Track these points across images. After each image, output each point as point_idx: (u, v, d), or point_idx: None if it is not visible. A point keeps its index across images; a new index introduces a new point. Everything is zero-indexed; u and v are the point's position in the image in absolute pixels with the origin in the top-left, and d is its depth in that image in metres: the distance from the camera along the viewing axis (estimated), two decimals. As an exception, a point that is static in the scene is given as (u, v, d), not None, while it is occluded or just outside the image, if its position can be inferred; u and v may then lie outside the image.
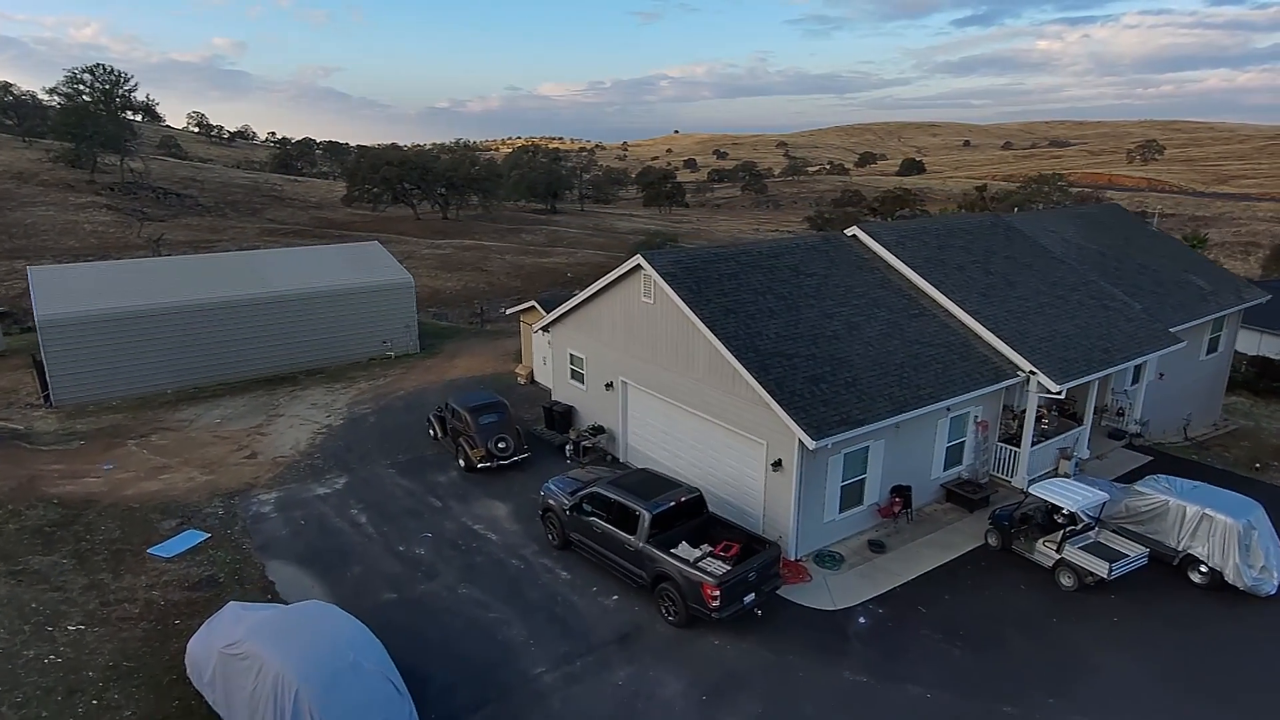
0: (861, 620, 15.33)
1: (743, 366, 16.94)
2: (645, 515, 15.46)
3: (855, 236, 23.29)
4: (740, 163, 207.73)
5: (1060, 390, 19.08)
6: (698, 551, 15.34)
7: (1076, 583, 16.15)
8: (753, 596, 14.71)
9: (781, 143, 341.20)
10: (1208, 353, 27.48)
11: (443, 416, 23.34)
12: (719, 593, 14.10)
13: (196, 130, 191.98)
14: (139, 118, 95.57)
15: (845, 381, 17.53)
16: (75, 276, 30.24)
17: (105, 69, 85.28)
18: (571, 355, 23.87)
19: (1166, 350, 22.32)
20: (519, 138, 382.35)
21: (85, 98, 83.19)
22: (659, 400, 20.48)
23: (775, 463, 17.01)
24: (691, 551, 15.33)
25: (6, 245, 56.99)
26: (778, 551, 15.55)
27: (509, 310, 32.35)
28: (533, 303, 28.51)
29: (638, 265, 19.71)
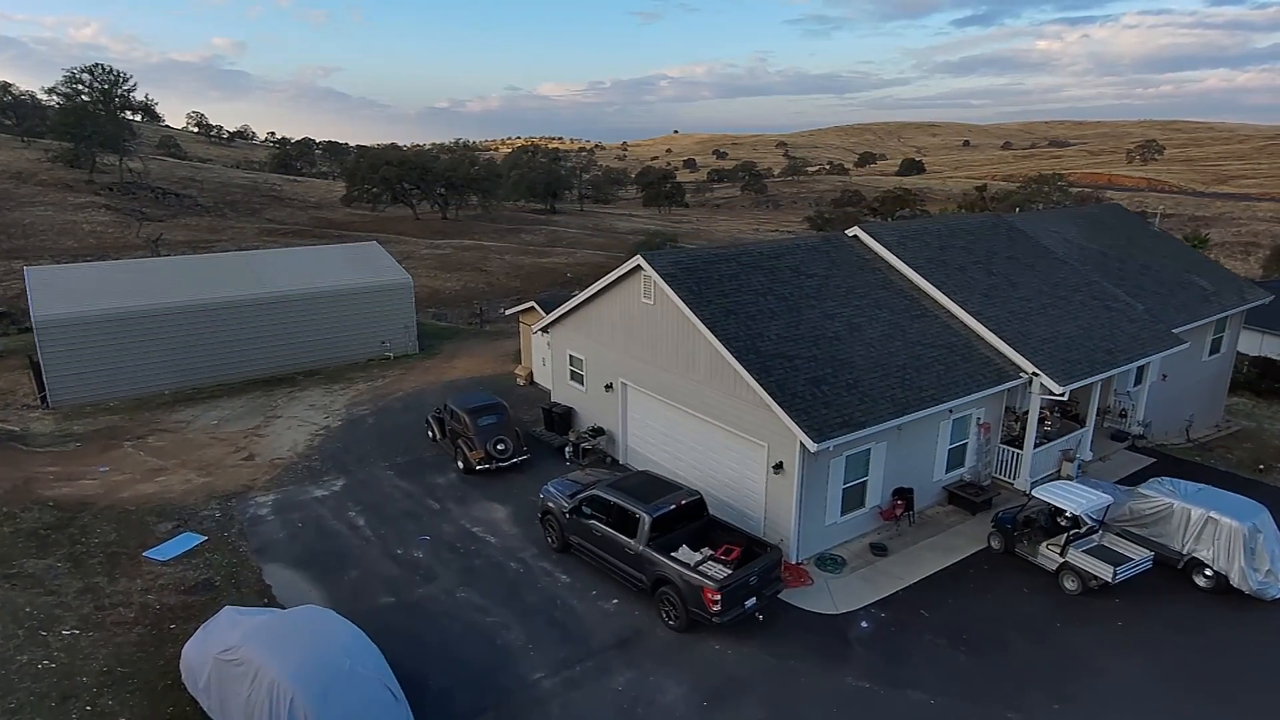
0: (864, 624, 15.20)
1: (744, 368, 16.80)
2: (645, 518, 15.32)
3: (856, 237, 23.17)
4: (740, 163, 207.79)
5: (1063, 392, 18.95)
6: (698, 555, 15.20)
7: (1080, 586, 16.02)
8: (754, 600, 14.56)
9: (781, 143, 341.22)
10: (1210, 354, 27.36)
11: (441, 418, 23.21)
12: (720, 597, 13.96)
13: (196, 130, 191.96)
14: (138, 118, 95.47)
15: (847, 383, 17.39)
16: (73, 277, 30.10)
17: (104, 69, 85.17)
18: (571, 356, 23.74)
19: (1170, 351, 22.18)
20: (518, 138, 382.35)
21: (84, 98, 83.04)
22: (659, 402, 20.34)
23: (776, 465, 16.87)
24: (692, 555, 15.19)
25: (5, 245, 56.85)
26: (779, 555, 15.41)
27: (508, 311, 32.22)
28: (532, 303, 28.36)
29: (638, 266, 19.58)
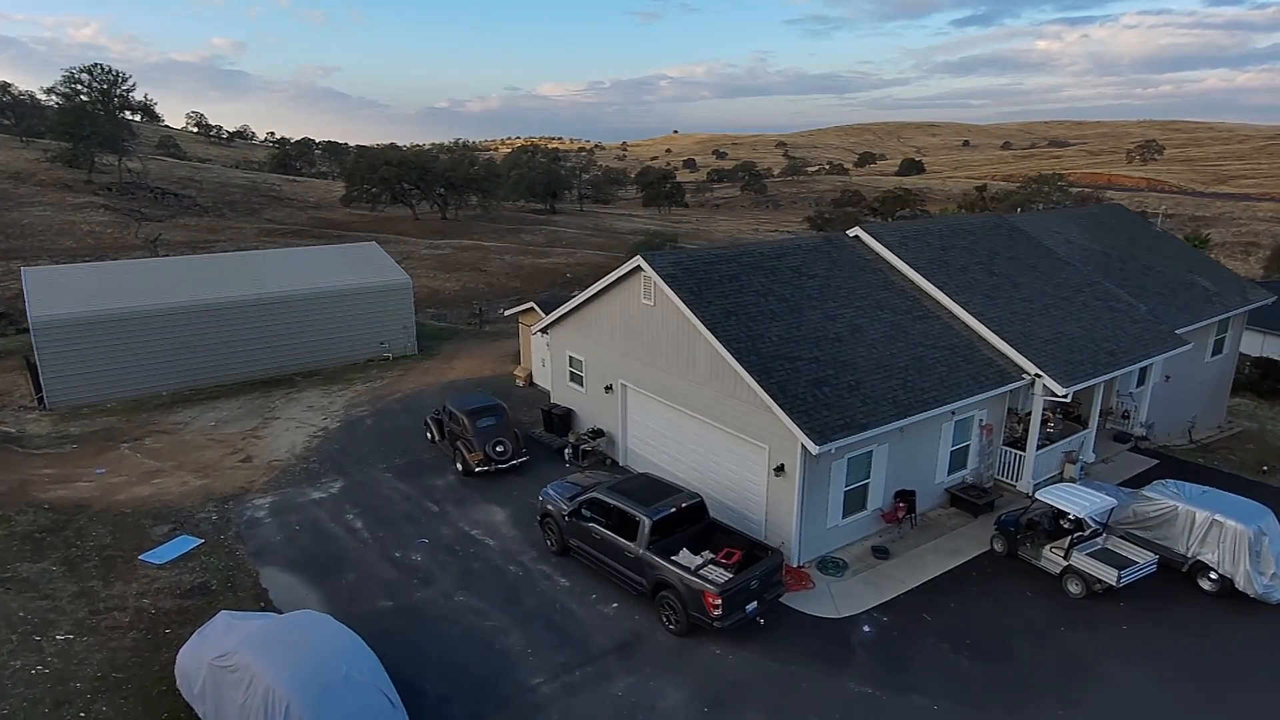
0: (866, 629, 15.05)
1: (744, 370, 16.66)
2: (645, 521, 15.18)
3: (858, 237, 23.02)
4: (740, 163, 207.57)
5: (1067, 393, 18.81)
6: (699, 558, 15.06)
7: (1084, 590, 15.88)
8: (755, 605, 14.43)
9: (781, 143, 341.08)
10: (1213, 354, 27.23)
11: (440, 419, 23.06)
12: (721, 601, 13.82)
13: (195, 130, 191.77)
14: (137, 118, 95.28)
15: (848, 385, 17.25)
16: (70, 277, 29.93)
17: (103, 69, 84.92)
18: (570, 357, 23.59)
19: (1173, 352, 22.04)
20: (518, 138, 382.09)
21: (83, 97, 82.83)
22: (659, 403, 20.20)
23: (778, 467, 16.73)
24: (692, 559, 15.05)
25: (3, 246, 56.68)
26: (780, 558, 15.26)
27: (507, 311, 32.07)
28: (531, 304, 28.21)
29: (638, 266, 19.43)
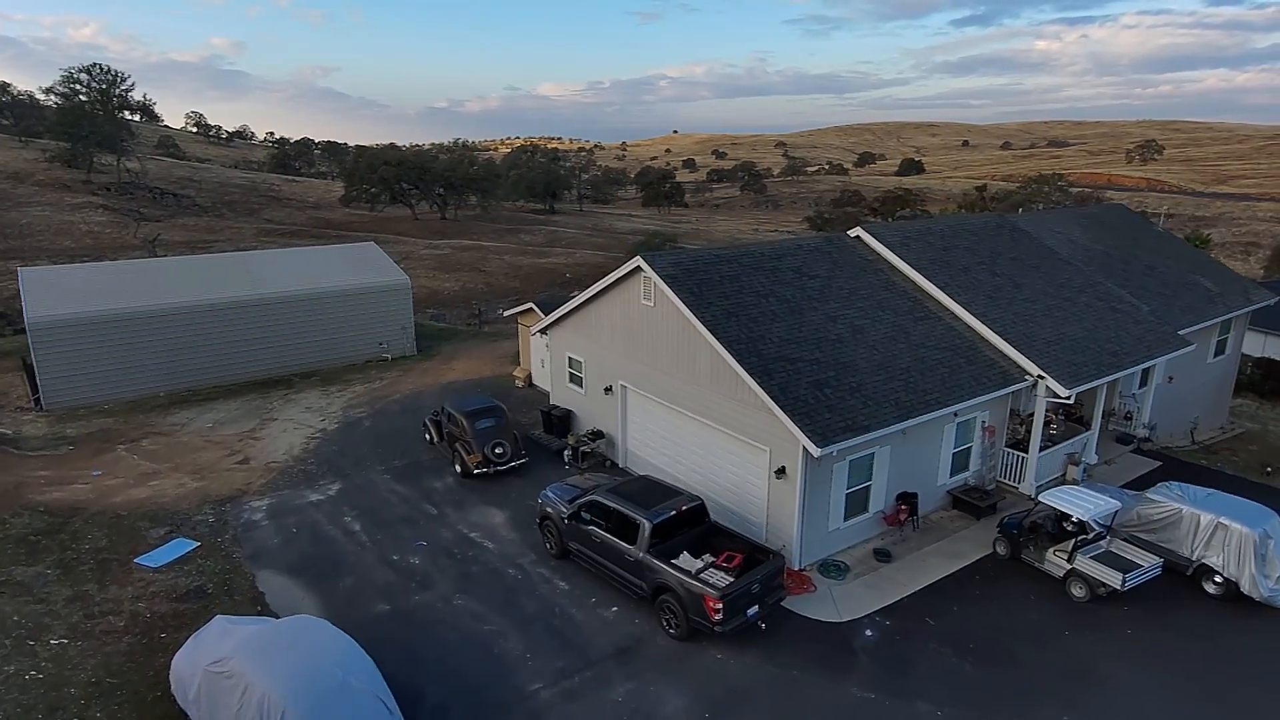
0: (868, 633, 14.91)
1: (745, 371, 16.52)
2: (645, 524, 15.03)
3: (859, 238, 22.89)
4: (739, 163, 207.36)
5: (1070, 395, 18.67)
6: (699, 562, 14.93)
7: (1088, 593, 15.73)
8: (756, 609, 14.29)
9: (780, 143, 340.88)
10: (1215, 355, 27.09)
11: (439, 421, 22.92)
12: (721, 605, 13.68)
13: (195, 130, 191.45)
14: (136, 117, 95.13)
15: (850, 386, 17.11)
16: (67, 278, 29.80)
17: (102, 68, 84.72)
18: (570, 358, 23.45)
19: (1177, 353, 21.91)
20: (518, 138, 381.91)
21: (82, 97, 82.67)
22: (659, 405, 20.06)
23: (779, 470, 16.59)
24: (693, 562, 14.92)
25: (1, 246, 56.52)
26: (781, 562, 15.12)
27: (507, 312, 31.93)
28: (530, 304, 28.06)
29: (638, 267, 19.29)
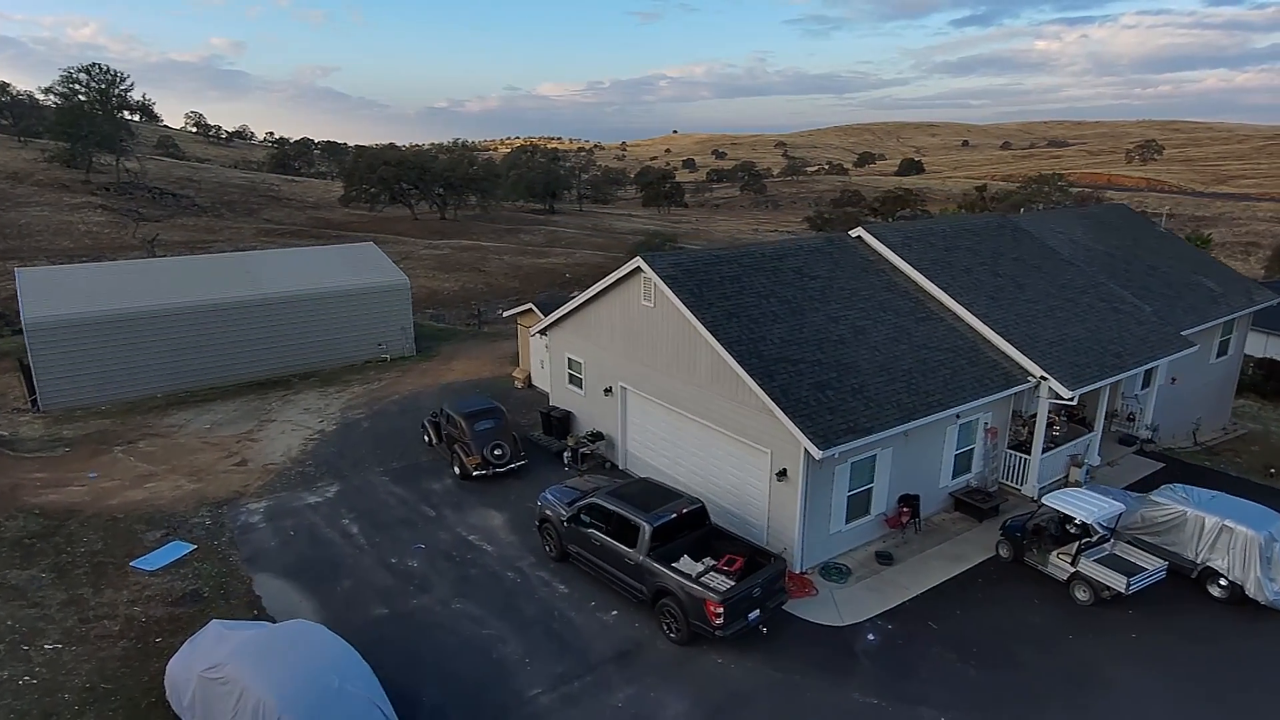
0: (870, 637, 14.78)
1: (746, 373, 16.39)
2: (645, 527, 14.90)
3: (860, 238, 22.76)
4: (739, 163, 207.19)
5: (1073, 396, 18.54)
6: (700, 565, 14.79)
7: (1092, 597, 15.61)
8: (757, 612, 14.15)
9: (780, 143, 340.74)
10: (1218, 356, 26.96)
11: (438, 422, 22.78)
12: (722, 609, 13.55)
13: (194, 130, 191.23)
14: (135, 117, 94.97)
15: (852, 388, 16.98)
16: (64, 278, 29.64)
17: (101, 68, 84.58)
18: (570, 359, 23.32)
19: (1180, 354, 21.78)
20: (517, 138, 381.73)
21: (81, 97, 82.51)
22: (659, 407, 19.93)
23: (780, 472, 16.46)
24: (694, 565, 14.78)
25: (0, 246, 56.37)
26: (783, 565, 14.98)
27: (506, 313, 31.79)
28: (530, 305, 27.92)
29: (638, 268, 19.16)
